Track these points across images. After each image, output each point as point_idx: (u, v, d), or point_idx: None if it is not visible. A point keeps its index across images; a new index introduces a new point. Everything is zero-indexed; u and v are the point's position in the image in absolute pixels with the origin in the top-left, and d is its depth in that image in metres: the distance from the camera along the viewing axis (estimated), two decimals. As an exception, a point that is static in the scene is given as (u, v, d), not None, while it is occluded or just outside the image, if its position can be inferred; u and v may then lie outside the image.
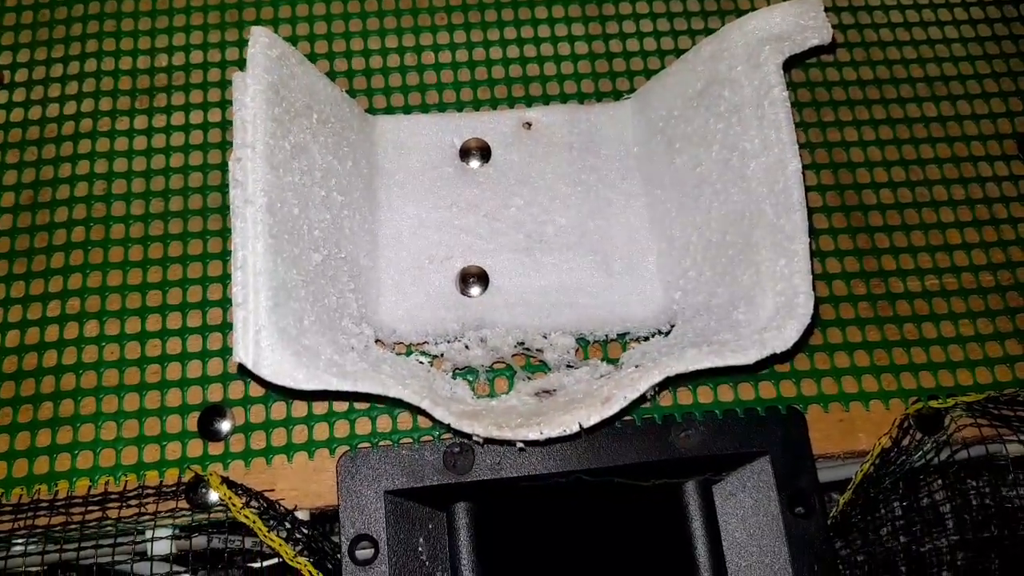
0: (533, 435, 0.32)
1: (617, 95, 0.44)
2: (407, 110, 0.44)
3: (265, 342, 0.30)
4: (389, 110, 0.44)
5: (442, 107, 0.44)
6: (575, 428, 0.32)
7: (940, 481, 0.49)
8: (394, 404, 0.36)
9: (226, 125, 0.43)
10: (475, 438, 0.34)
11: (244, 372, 0.32)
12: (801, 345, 0.33)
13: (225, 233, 0.40)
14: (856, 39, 0.46)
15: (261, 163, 0.33)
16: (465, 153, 0.43)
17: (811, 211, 0.42)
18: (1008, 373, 0.39)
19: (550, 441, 0.33)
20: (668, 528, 0.38)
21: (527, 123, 0.43)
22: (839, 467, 0.40)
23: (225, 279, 0.40)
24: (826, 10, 0.38)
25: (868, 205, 0.43)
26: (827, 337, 0.40)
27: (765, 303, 0.33)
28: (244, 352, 0.30)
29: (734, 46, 0.38)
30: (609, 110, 0.44)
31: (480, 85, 0.45)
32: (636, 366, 0.34)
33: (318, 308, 0.33)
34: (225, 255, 0.40)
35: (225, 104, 0.43)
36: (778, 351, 0.31)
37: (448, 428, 0.32)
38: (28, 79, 0.44)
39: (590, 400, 0.32)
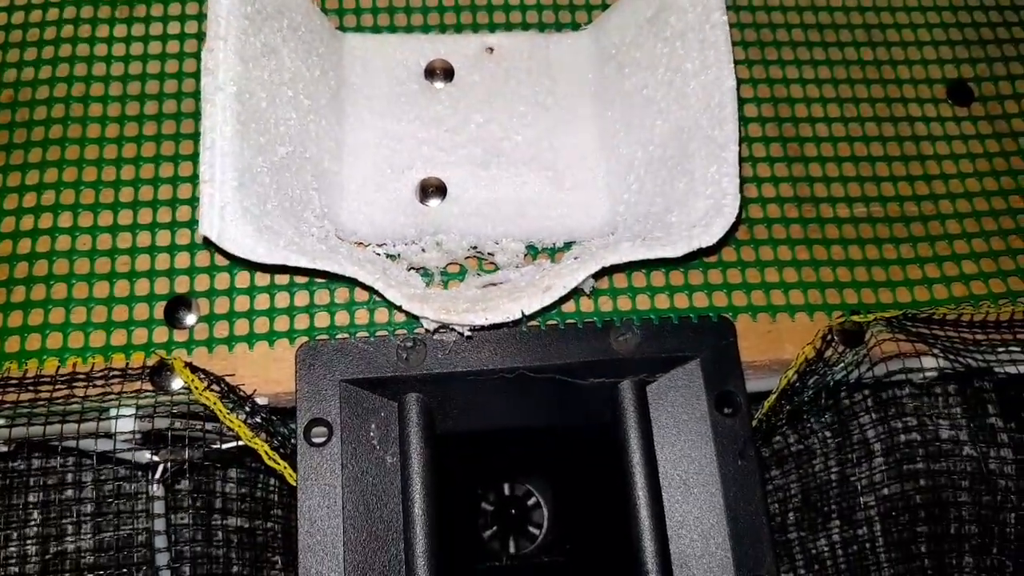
0: (478, 320, 0.32)
1: (575, 26, 0.44)
2: (376, 30, 0.43)
3: (229, 217, 0.30)
4: (359, 29, 0.43)
5: (409, 29, 0.44)
6: (517, 314, 0.32)
7: (863, 399, 0.50)
8: (351, 285, 0.36)
9: (201, 36, 0.42)
10: (424, 323, 0.34)
11: (209, 245, 0.32)
12: (725, 240, 0.33)
13: (197, 136, 0.40)
14: (802, -15, 0.46)
15: (232, 54, 0.32)
16: (430, 73, 0.42)
17: (751, 140, 0.42)
18: (926, 293, 0.40)
19: (494, 326, 0.33)
20: (604, 424, 0.38)
21: (490, 48, 0.43)
22: (767, 378, 0.40)
23: (195, 180, 0.39)
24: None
25: (804, 137, 0.43)
26: (759, 254, 0.40)
27: (696, 205, 0.33)
28: (209, 226, 0.30)
29: (682, -26, 0.38)
30: (567, 39, 0.43)
31: (447, 11, 0.44)
32: (575, 258, 0.34)
33: (281, 196, 0.33)
34: (195, 156, 0.39)
35: (201, 17, 0.43)
36: (704, 245, 0.32)
37: (399, 309, 0.32)
38: (11, -14, 0.43)
39: (532, 289, 0.32)
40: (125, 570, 0.35)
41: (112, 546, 0.36)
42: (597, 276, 0.33)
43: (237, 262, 0.36)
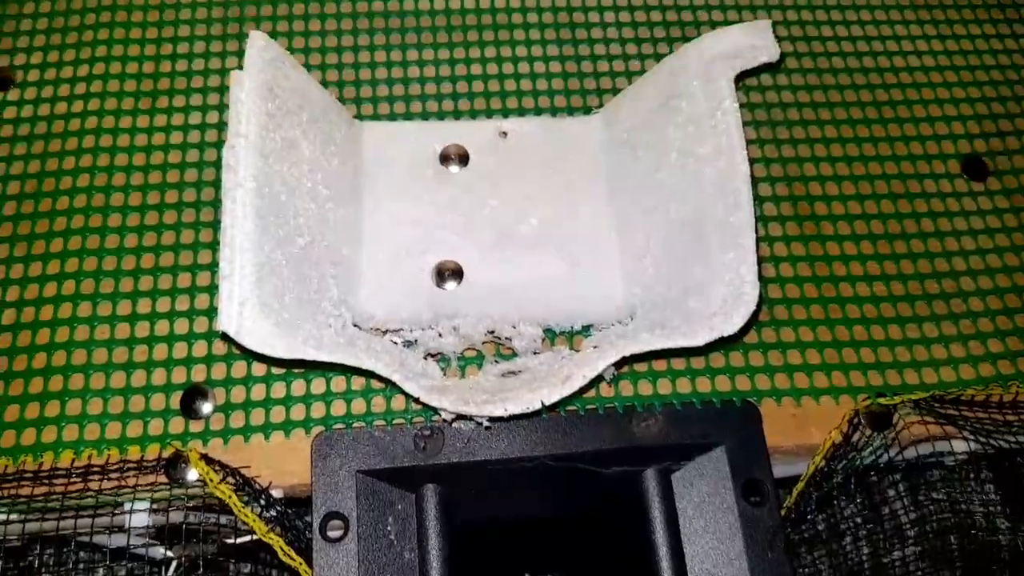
0: (498, 411, 0.31)
1: (586, 110, 0.44)
2: (392, 118, 0.44)
3: (248, 313, 0.30)
4: (376, 117, 0.44)
5: (425, 116, 0.44)
6: (537, 405, 0.32)
7: (894, 483, 0.48)
8: (367, 376, 0.35)
9: (221, 126, 0.43)
10: (443, 414, 0.33)
11: (227, 340, 0.31)
12: (747, 329, 0.33)
13: (215, 224, 0.40)
14: (810, 65, 0.47)
15: (252, 151, 0.33)
16: (445, 158, 0.42)
17: (767, 219, 0.42)
18: (953, 374, 0.39)
19: (513, 418, 0.32)
20: (629, 514, 0.37)
21: (503, 132, 0.43)
22: (793, 463, 0.39)
23: (213, 267, 0.39)
24: (780, 36, 0.39)
25: (820, 215, 0.42)
26: (780, 335, 0.39)
27: (715, 292, 0.33)
28: (228, 321, 0.29)
29: (691, 63, 0.38)
30: (579, 123, 0.44)
31: (460, 97, 0.45)
32: (595, 347, 0.34)
33: (299, 288, 0.33)
34: (214, 245, 0.39)
35: (222, 108, 0.43)
36: (726, 334, 0.31)
37: (417, 401, 0.32)
38: (39, 79, 0.44)
39: (552, 379, 0.32)
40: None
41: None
42: (618, 366, 0.32)
43: (255, 357, 0.35)
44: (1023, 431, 0.39)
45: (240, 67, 0.35)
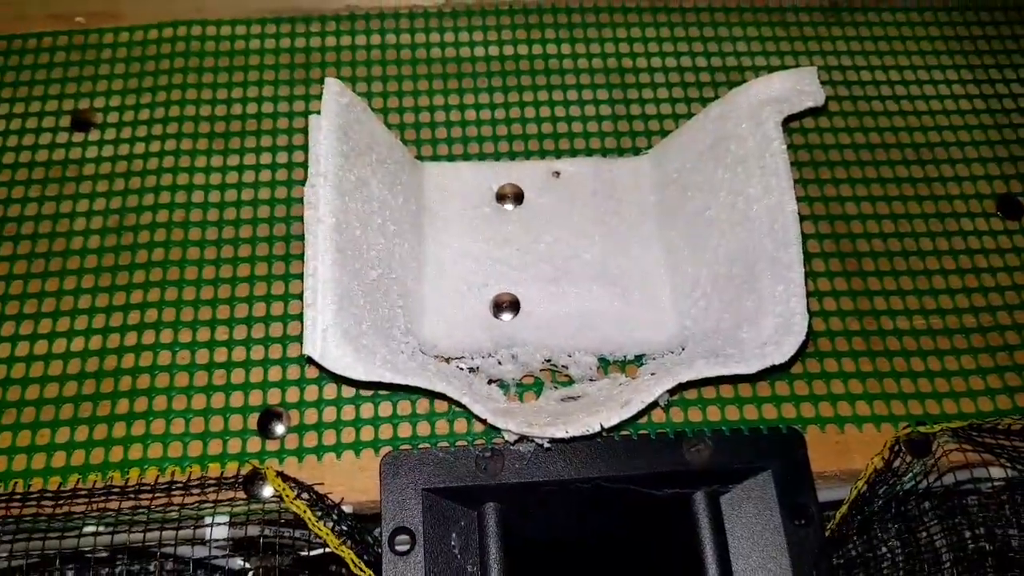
0: (559, 433, 0.35)
1: (635, 151, 0.49)
2: (451, 159, 0.48)
3: (331, 339, 0.34)
4: (435, 158, 0.48)
5: (482, 157, 0.48)
6: (596, 428, 0.35)
7: (931, 510, 0.51)
8: (431, 399, 0.39)
9: (291, 166, 0.47)
10: (506, 435, 0.37)
11: (312, 363, 0.35)
12: (796, 358, 0.36)
13: (287, 258, 0.44)
14: (850, 109, 0.51)
15: (331, 189, 0.37)
16: (501, 197, 0.47)
17: (811, 256, 0.46)
18: (989, 404, 0.42)
19: (573, 440, 0.36)
20: (679, 535, 0.40)
21: (556, 172, 0.47)
22: (836, 488, 0.42)
23: (287, 297, 0.43)
24: (823, 81, 0.43)
25: (861, 252, 0.46)
26: (824, 367, 0.43)
27: (766, 323, 0.36)
28: (312, 347, 0.34)
29: (739, 107, 0.42)
30: (629, 163, 0.48)
31: (515, 139, 0.49)
32: (652, 374, 0.37)
33: (374, 316, 0.37)
34: (286, 276, 0.44)
35: (291, 148, 0.48)
36: (777, 363, 0.35)
37: (484, 423, 0.35)
38: (119, 121, 0.49)
39: (610, 403, 0.35)
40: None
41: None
42: (672, 391, 0.36)
43: (336, 379, 0.39)
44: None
45: (306, 111, 0.39)
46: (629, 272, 0.44)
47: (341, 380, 0.39)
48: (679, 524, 0.40)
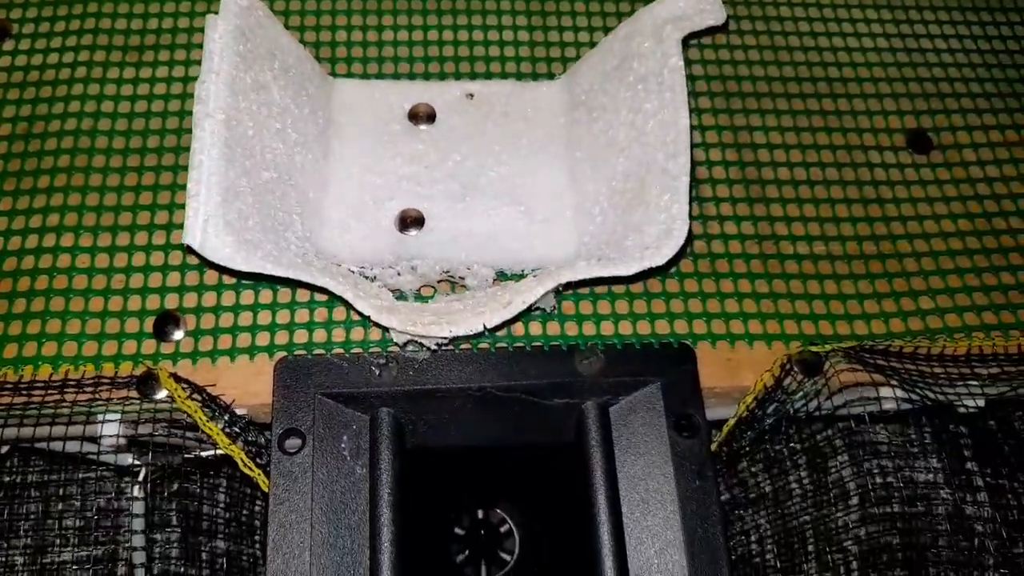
0: (443, 332, 0.36)
1: (550, 76, 0.49)
2: (366, 77, 0.48)
3: (211, 229, 0.34)
4: (350, 76, 0.48)
5: (397, 76, 0.48)
6: (480, 327, 0.36)
7: (840, 442, 0.52)
8: (329, 306, 0.39)
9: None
10: (394, 335, 0.37)
11: (191, 252, 0.36)
12: (674, 262, 0.37)
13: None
14: (767, 42, 0.51)
15: (223, 86, 0.37)
16: (413, 116, 0.47)
17: (716, 181, 0.46)
18: (883, 327, 0.43)
19: (468, 348, 0.36)
20: (569, 444, 0.41)
21: (470, 94, 0.48)
22: (729, 406, 0.43)
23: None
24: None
25: (766, 180, 0.47)
26: (720, 286, 0.43)
27: (650, 230, 0.37)
28: (192, 236, 0.34)
29: (644, 26, 0.43)
30: (542, 87, 0.48)
31: (431, 61, 0.49)
32: (534, 276, 0.38)
33: (263, 215, 0.37)
34: (191, 185, 0.44)
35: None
36: (654, 265, 0.35)
37: (367, 319, 0.36)
38: (34, 31, 0.48)
39: (493, 303, 0.36)
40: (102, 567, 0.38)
41: (91, 544, 0.39)
42: (562, 295, 0.37)
43: (218, 270, 0.40)
44: (949, 384, 0.43)
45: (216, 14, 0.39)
46: (534, 191, 0.45)
47: (222, 270, 0.39)
48: (569, 434, 0.41)
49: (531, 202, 0.44)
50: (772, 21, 0.52)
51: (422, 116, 0.47)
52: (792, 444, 0.50)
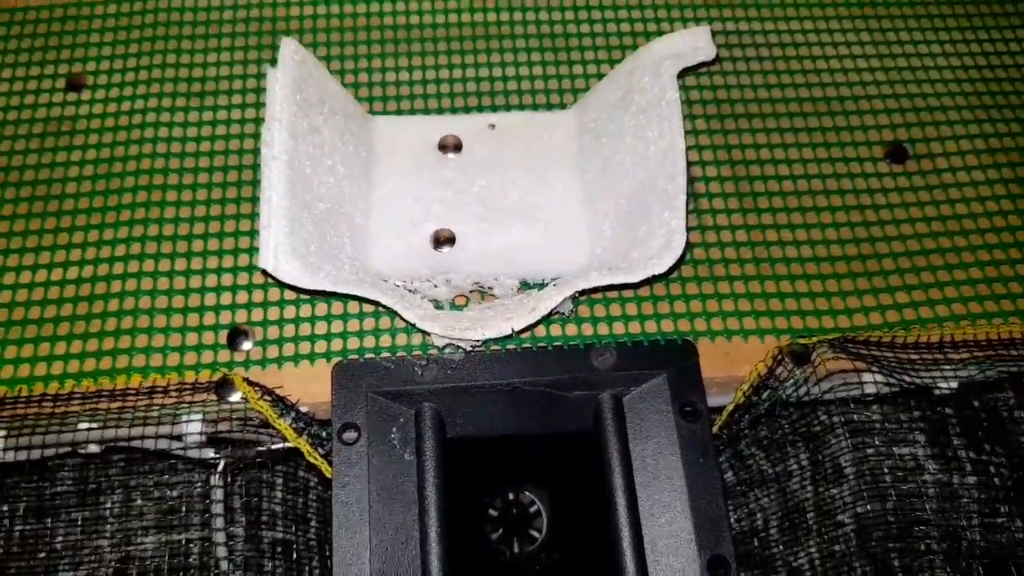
0: (476, 335, 0.40)
1: (562, 106, 0.53)
2: (399, 112, 0.53)
3: (282, 255, 0.39)
4: (386, 112, 0.53)
5: (427, 111, 0.53)
6: (508, 331, 0.40)
7: (838, 426, 0.56)
8: (373, 304, 0.44)
9: (258, 120, 0.52)
10: (434, 339, 0.42)
11: (266, 275, 0.41)
12: (674, 269, 0.41)
13: (254, 199, 0.49)
14: (756, 68, 0.55)
15: (284, 131, 0.42)
16: (443, 146, 0.51)
17: (713, 195, 0.51)
18: (863, 320, 0.47)
19: (499, 350, 0.41)
20: (588, 431, 0.45)
21: (492, 124, 0.52)
22: (728, 394, 0.47)
23: (252, 233, 0.48)
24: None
25: (758, 192, 0.51)
26: (717, 288, 0.48)
27: (652, 243, 0.41)
28: (266, 261, 0.39)
29: (644, 62, 0.47)
30: (555, 117, 0.53)
31: (457, 96, 0.54)
32: (554, 286, 0.43)
33: (321, 241, 0.42)
34: (252, 215, 0.49)
35: (259, 105, 0.53)
36: (656, 273, 0.40)
37: (413, 327, 0.41)
38: (107, 82, 0.54)
39: (520, 309, 0.40)
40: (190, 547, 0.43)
41: (180, 529, 0.44)
42: (578, 301, 0.41)
43: (288, 288, 0.44)
44: (924, 368, 0.47)
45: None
46: (550, 210, 0.49)
47: (291, 288, 0.44)
48: (587, 422, 0.45)
49: (548, 219, 0.49)
50: (761, 48, 0.56)
51: (450, 146, 0.51)
52: (791, 427, 0.54)
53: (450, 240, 0.48)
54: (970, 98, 0.55)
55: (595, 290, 0.42)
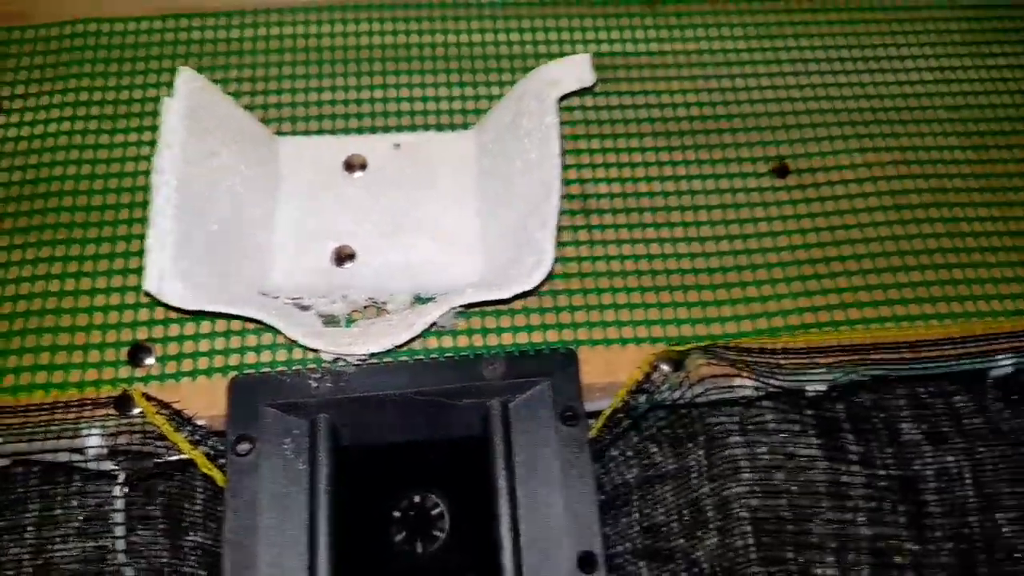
0: (359, 351, 0.42)
1: (465, 126, 0.55)
2: (307, 133, 0.55)
3: (166, 277, 0.40)
4: (295, 133, 0.55)
5: (334, 131, 0.55)
6: (389, 346, 0.43)
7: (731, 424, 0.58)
8: (275, 333, 0.46)
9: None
10: (323, 355, 0.43)
11: (149, 296, 0.42)
12: (541, 286, 0.44)
13: (159, 219, 0.51)
14: (650, 88, 0.58)
15: (177, 157, 0.44)
16: (348, 166, 0.53)
17: (602, 211, 0.53)
18: (735, 327, 0.50)
19: (392, 361, 0.43)
20: (478, 436, 0.47)
21: (397, 144, 0.54)
22: (609, 399, 0.49)
23: (157, 252, 0.50)
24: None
25: (643, 208, 0.53)
26: (601, 300, 0.50)
27: (527, 260, 0.43)
28: (150, 284, 0.40)
29: (531, 88, 0.49)
30: (457, 137, 0.55)
31: (364, 116, 0.56)
32: (435, 301, 0.45)
33: (211, 261, 0.44)
34: (158, 234, 0.50)
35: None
36: (525, 290, 0.42)
37: (295, 343, 0.42)
38: (23, 107, 0.55)
39: (401, 325, 0.42)
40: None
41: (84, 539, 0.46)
42: (470, 315, 0.43)
43: (173, 310, 0.46)
44: (792, 372, 0.49)
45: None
46: (450, 228, 0.51)
47: (175, 310, 0.45)
48: (477, 428, 0.47)
49: (447, 237, 0.51)
50: (645, 69, 0.58)
51: (356, 165, 0.53)
52: (683, 427, 0.57)
53: (351, 256, 0.50)
54: (841, 114, 0.58)
55: (479, 304, 0.44)
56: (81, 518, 0.46)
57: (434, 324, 0.44)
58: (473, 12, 0.60)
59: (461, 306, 0.45)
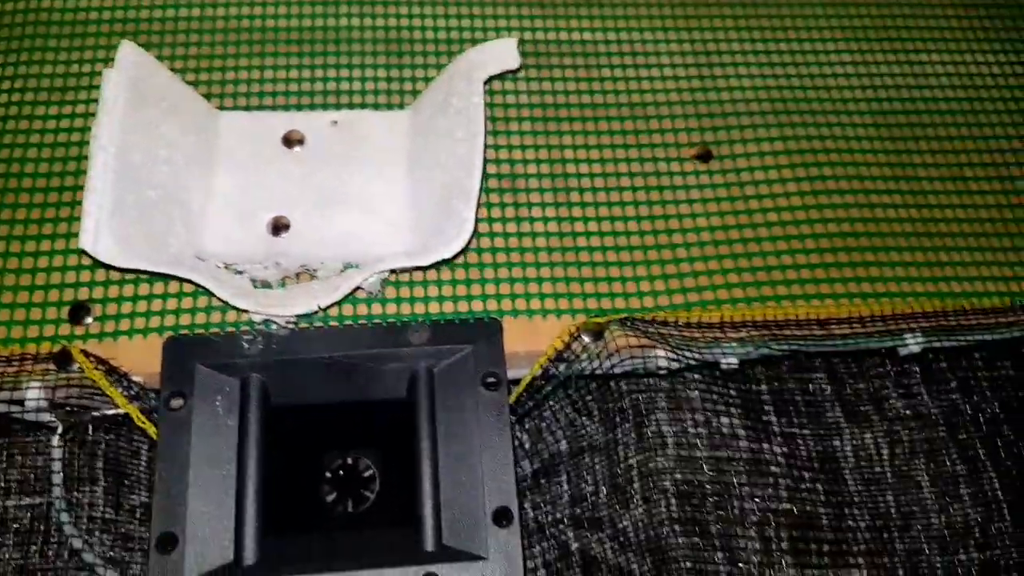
0: (284, 311, 0.44)
1: (401, 106, 0.58)
2: (248, 108, 0.57)
3: (101, 237, 0.42)
4: (236, 107, 0.56)
5: (274, 107, 0.57)
6: (314, 308, 0.45)
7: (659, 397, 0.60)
8: (207, 292, 0.48)
9: (114, 113, 0.55)
10: (253, 315, 0.45)
11: (87, 255, 0.44)
12: (461, 254, 0.46)
13: (103, 187, 0.52)
14: (582, 74, 0.60)
15: (115, 126, 0.45)
16: (287, 141, 0.55)
17: (530, 191, 0.55)
18: (652, 302, 0.52)
19: (302, 319, 0.45)
20: (404, 399, 0.49)
21: (335, 121, 0.56)
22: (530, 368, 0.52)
23: (100, 218, 0.51)
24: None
25: (571, 188, 0.56)
26: (525, 273, 0.52)
27: (449, 231, 0.46)
28: (85, 242, 0.42)
29: (461, 69, 0.52)
30: (393, 116, 0.57)
31: (304, 94, 0.58)
32: (358, 268, 0.47)
33: (146, 224, 0.45)
34: (101, 201, 0.52)
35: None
36: (444, 257, 0.44)
37: (226, 303, 0.44)
38: (-28, 77, 0.56)
39: (326, 288, 0.45)
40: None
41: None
42: (399, 284, 0.46)
43: (107, 268, 0.48)
44: (706, 346, 0.52)
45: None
46: (381, 202, 0.53)
47: (109, 267, 0.47)
48: (403, 390, 0.50)
49: (378, 210, 0.53)
50: (577, 56, 0.61)
51: (294, 140, 0.55)
52: (611, 397, 0.59)
53: (287, 227, 0.52)
54: (763, 103, 0.61)
55: (402, 271, 0.46)
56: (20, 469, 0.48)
57: (359, 289, 0.46)
58: (416, -3, 0.62)
59: (388, 272, 0.47)
